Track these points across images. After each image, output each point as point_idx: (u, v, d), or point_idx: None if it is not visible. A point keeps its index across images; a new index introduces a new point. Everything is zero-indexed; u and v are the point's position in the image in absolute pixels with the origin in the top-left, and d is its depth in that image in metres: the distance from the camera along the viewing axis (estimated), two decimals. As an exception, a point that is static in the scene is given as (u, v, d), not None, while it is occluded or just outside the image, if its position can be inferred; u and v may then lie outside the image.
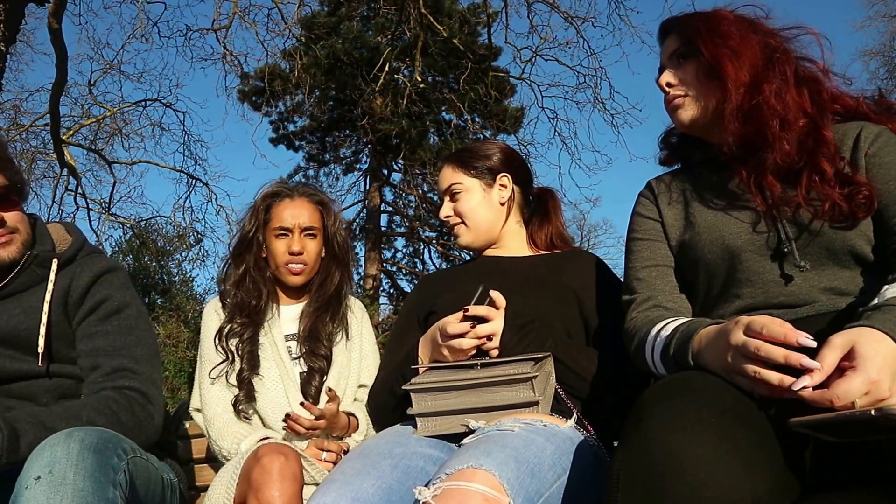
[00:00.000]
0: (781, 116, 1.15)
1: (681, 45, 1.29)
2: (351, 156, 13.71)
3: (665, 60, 1.32)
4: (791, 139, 1.14)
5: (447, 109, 11.93)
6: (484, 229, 1.61)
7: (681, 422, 0.82)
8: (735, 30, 1.22)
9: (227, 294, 1.71)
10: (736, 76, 1.19)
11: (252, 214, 1.74)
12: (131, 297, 1.48)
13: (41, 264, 1.42)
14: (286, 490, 1.26)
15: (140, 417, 1.33)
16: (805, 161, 1.13)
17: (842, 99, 1.23)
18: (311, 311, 1.71)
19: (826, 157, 1.12)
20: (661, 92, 1.32)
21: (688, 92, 1.27)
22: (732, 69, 1.19)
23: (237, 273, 1.72)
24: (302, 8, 8.55)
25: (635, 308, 1.25)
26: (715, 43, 1.22)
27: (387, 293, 14.09)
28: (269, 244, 1.71)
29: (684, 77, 1.28)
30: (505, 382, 1.19)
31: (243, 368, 1.60)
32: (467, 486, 0.95)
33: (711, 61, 1.21)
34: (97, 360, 1.38)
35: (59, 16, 6.27)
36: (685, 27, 1.29)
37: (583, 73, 9.95)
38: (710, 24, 1.24)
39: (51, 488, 1.03)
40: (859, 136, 1.15)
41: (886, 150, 1.13)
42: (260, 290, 1.70)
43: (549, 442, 1.10)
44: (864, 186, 1.09)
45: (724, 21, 1.24)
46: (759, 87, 1.18)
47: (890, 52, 14.88)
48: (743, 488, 0.77)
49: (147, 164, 11.67)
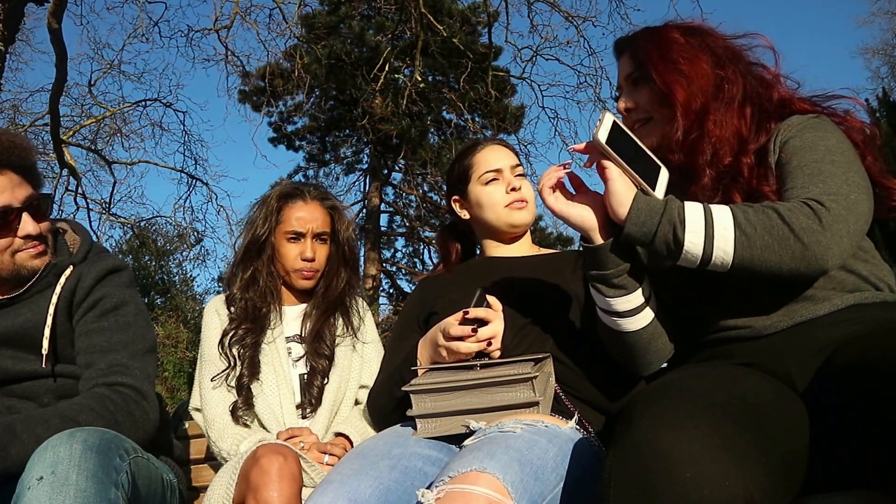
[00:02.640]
0: (714, 150, 1.18)
1: (634, 70, 1.29)
2: (351, 156, 13.71)
3: (622, 82, 1.33)
4: (712, 174, 1.18)
5: (447, 109, 11.94)
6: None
7: (671, 420, 0.82)
8: (686, 53, 1.23)
9: (233, 298, 1.69)
10: (686, 104, 1.20)
11: (264, 216, 1.70)
12: (131, 295, 1.48)
13: (58, 273, 1.44)
14: (285, 490, 1.25)
15: (136, 415, 1.33)
16: (721, 189, 1.17)
17: (792, 102, 1.25)
18: (318, 313, 1.70)
19: (739, 188, 1.16)
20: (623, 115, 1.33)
21: (648, 116, 1.29)
22: (683, 96, 1.20)
23: (244, 276, 1.69)
24: (303, 8, 8.56)
25: None
26: (666, 69, 1.23)
27: (386, 293, 14.10)
28: (280, 247, 1.70)
29: (640, 101, 1.29)
30: (505, 383, 1.19)
31: (243, 374, 1.59)
32: (471, 489, 0.95)
33: (663, 88, 1.22)
34: (92, 358, 1.38)
35: (58, 16, 6.27)
36: (637, 50, 1.30)
37: (583, 72, 9.97)
38: (662, 49, 1.25)
39: (53, 489, 1.03)
40: (779, 129, 1.19)
41: (797, 129, 1.17)
42: (267, 295, 1.69)
43: (551, 444, 1.10)
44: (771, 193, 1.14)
45: (674, 44, 1.25)
46: (706, 116, 1.20)
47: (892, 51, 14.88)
48: (734, 486, 0.77)
49: (147, 164, 11.70)
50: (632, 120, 1.30)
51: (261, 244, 1.69)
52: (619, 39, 1.37)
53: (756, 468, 0.81)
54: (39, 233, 1.41)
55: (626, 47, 1.32)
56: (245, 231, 1.73)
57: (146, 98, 10.91)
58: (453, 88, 11.42)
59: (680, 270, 1.17)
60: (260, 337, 1.64)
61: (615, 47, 1.37)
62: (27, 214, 1.39)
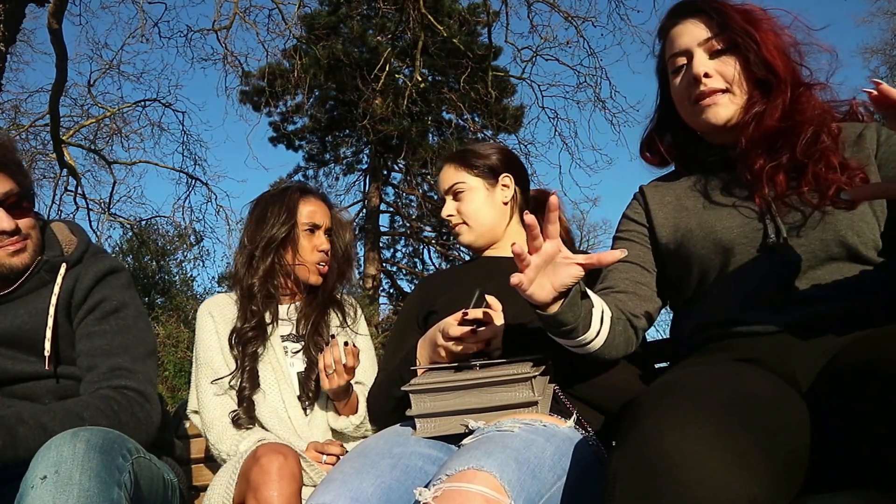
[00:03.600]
0: (811, 114, 1.17)
1: (720, 33, 1.19)
2: (351, 156, 13.71)
3: (692, 45, 1.21)
4: (812, 135, 1.16)
5: (447, 109, 11.93)
6: (487, 229, 1.62)
7: (676, 421, 0.82)
8: (776, 29, 1.20)
9: (251, 287, 1.67)
10: (785, 75, 1.17)
11: (287, 209, 1.71)
12: (130, 297, 1.48)
13: (51, 269, 1.43)
14: (285, 490, 1.26)
15: (139, 417, 1.34)
16: (818, 154, 1.15)
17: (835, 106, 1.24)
18: (316, 308, 1.72)
19: (832, 150, 1.15)
20: (694, 81, 1.20)
21: (728, 87, 1.19)
22: (783, 67, 1.17)
23: (264, 267, 1.68)
24: (302, 8, 8.56)
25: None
26: (764, 41, 1.17)
27: (386, 293, 14.09)
28: (301, 240, 1.72)
29: (725, 70, 1.19)
30: (504, 382, 1.20)
31: (245, 387, 1.59)
32: (468, 487, 0.95)
33: (767, 56, 1.16)
34: (94, 360, 1.38)
35: (58, 16, 6.27)
36: (728, 16, 1.19)
37: (583, 72, 10.00)
38: (756, 18, 1.20)
39: (57, 488, 1.03)
40: (862, 135, 1.18)
41: (893, 138, 1.16)
42: (280, 287, 1.72)
43: (549, 442, 1.10)
44: (859, 171, 1.12)
45: (765, 17, 1.21)
46: (798, 86, 1.18)
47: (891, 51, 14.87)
48: (739, 487, 0.77)
49: (147, 165, 11.71)
50: (708, 90, 1.19)
51: (283, 237, 1.70)
52: (694, 0, 1.24)
53: (759, 469, 0.81)
54: (15, 228, 1.38)
55: (707, 10, 1.21)
56: (260, 224, 1.72)
57: (145, 98, 10.93)
58: (453, 88, 11.41)
59: (692, 263, 1.19)
60: (260, 345, 1.64)
61: (684, 7, 1.24)
62: (2, 210, 1.36)
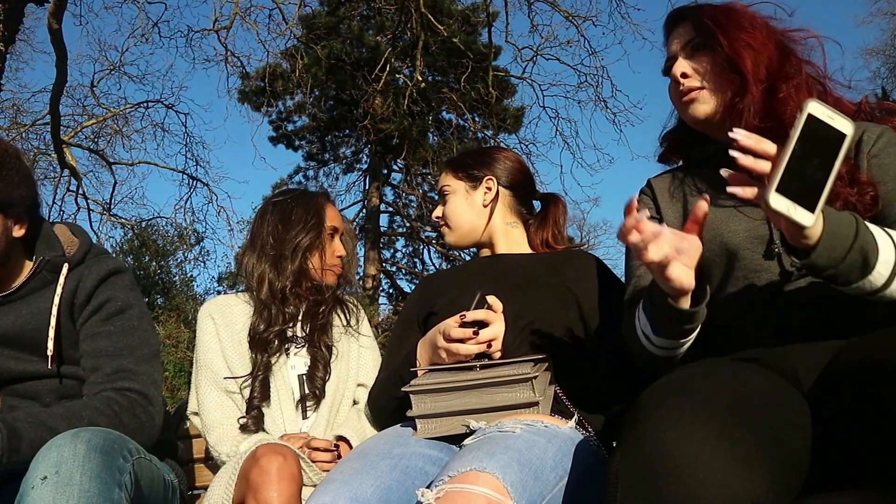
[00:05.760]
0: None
1: (696, 35, 1.24)
2: (351, 156, 13.72)
3: (677, 49, 1.27)
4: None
5: (448, 109, 11.94)
6: (465, 230, 1.65)
7: (678, 421, 0.82)
8: (754, 25, 1.21)
9: (283, 289, 1.65)
10: (755, 71, 1.17)
11: (315, 212, 1.72)
12: (135, 298, 1.48)
13: (53, 269, 1.43)
14: (284, 490, 1.25)
15: (142, 419, 1.34)
16: None
17: (842, 103, 1.22)
18: (319, 309, 1.71)
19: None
20: (675, 82, 1.26)
21: (703, 84, 1.23)
22: (752, 63, 1.17)
23: (293, 266, 1.67)
24: (302, 8, 8.57)
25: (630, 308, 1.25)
26: (735, 36, 1.19)
27: (386, 293, 14.11)
28: (326, 243, 1.73)
29: (699, 68, 1.24)
30: (505, 383, 1.19)
31: (255, 396, 1.57)
32: (470, 488, 0.95)
33: (731, 54, 1.18)
34: (98, 362, 1.38)
35: (58, 16, 6.27)
36: (702, 16, 1.24)
37: (584, 71, 10.01)
38: (730, 17, 1.22)
39: (57, 489, 1.03)
40: (861, 138, 1.15)
41: (888, 150, 1.13)
42: (307, 291, 1.70)
43: (550, 443, 1.10)
44: (871, 187, 1.10)
45: (743, 15, 1.22)
46: (777, 84, 1.17)
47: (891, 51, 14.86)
48: (741, 488, 0.77)
49: (148, 165, 11.72)
50: (686, 88, 1.25)
51: (312, 241, 1.70)
52: (680, 7, 1.31)
53: (761, 470, 0.81)
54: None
55: (689, 14, 1.27)
56: (287, 227, 1.70)
57: (148, 99, 10.94)
58: (453, 88, 11.42)
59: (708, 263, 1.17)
60: (280, 351, 1.63)
61: (673, 16, 1.30)
62: None
